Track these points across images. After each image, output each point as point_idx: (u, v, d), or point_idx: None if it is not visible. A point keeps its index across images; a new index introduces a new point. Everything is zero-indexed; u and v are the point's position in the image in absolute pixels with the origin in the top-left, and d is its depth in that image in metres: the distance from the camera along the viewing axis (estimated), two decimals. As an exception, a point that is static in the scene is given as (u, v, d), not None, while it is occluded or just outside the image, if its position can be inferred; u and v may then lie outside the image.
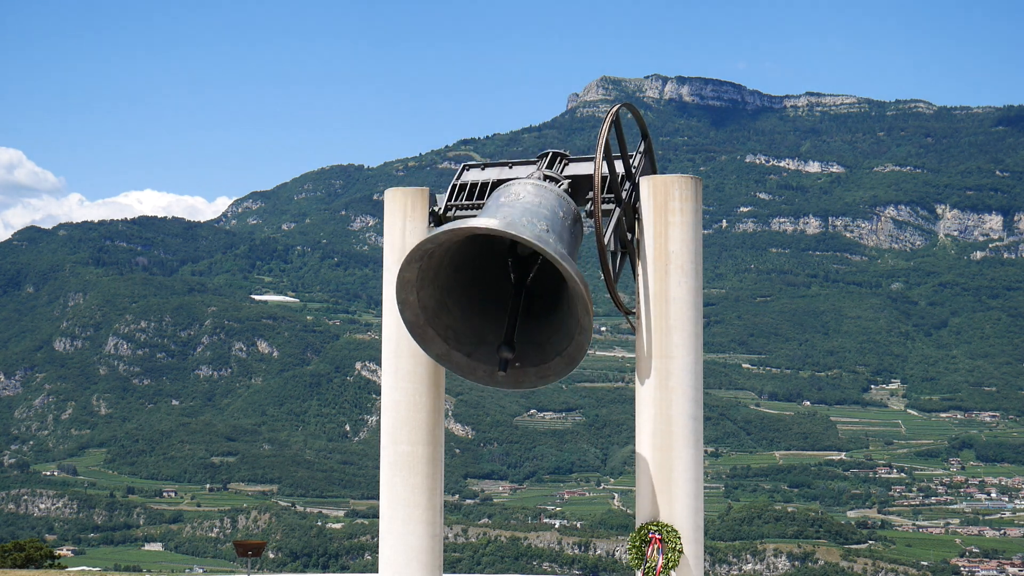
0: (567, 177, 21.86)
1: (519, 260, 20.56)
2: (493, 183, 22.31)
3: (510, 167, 22.47)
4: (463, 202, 22.51)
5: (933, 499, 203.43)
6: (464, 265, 20.84)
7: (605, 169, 21.12)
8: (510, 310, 20.19)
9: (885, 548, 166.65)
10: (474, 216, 21.67)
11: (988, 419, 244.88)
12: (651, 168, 22.77)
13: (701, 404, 21.48)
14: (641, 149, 22.52)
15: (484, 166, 22.65)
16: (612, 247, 21.33)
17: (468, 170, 22.68)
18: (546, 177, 21.57)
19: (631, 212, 21.70)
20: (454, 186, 22.72)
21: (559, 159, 22.16)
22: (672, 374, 21.15)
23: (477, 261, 21.04)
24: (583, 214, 21.96)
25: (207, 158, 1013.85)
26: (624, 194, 21.55)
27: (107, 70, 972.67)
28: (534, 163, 22.21)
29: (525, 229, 19.03)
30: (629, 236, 21.80)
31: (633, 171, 21.73)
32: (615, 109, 21.41)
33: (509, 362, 19.94)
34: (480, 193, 22.41)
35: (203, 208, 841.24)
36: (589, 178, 21.59)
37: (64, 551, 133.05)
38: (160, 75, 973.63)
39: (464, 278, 20.91)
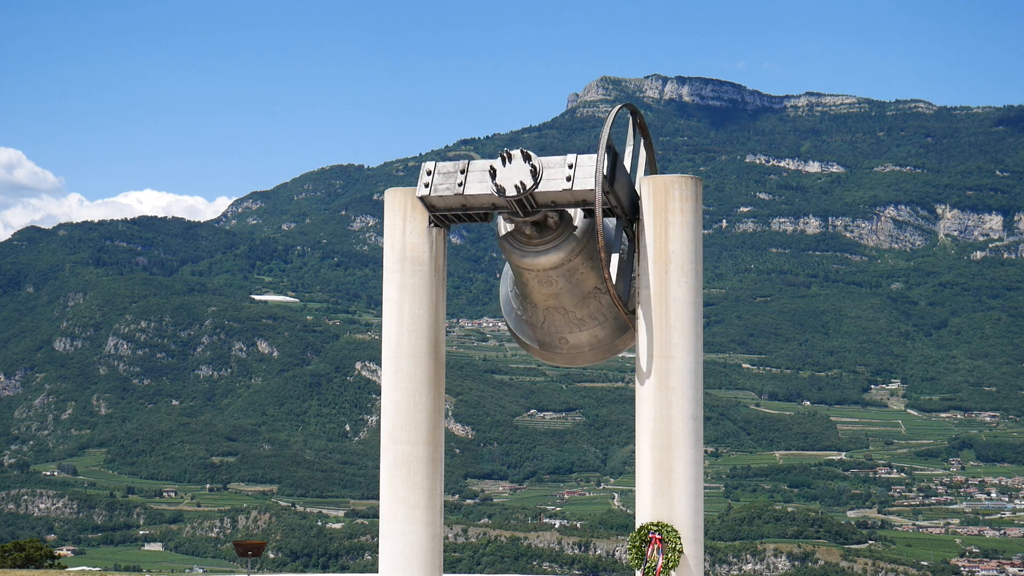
0: (548, 207, 21.38)
1: None
2: (475, 213, 22.18)
3: (465, 187, 21.60)
4: (456, 223, 22.80)
5: (933, 499, 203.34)
6: None
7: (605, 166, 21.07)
8: None
9: (885, 548, 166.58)
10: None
11: (988, 419, 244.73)
12: (651, 168, 22.80)
13: (701, 404, 21.49)
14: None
15: (432, 189, 21.75)
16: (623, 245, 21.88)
17: (427, 189, 21.94)
18: (537, 224, 21.59)
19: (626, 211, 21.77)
20: (434, 217, 22.37)
21: (527, 197, 20.98)
22: (672, 374, 21.17)
23: None
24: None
25: (207, 158, 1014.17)
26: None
27: (107, 70, 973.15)
28: (488, 173, 21.21)
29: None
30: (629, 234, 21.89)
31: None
32: (616, 110, 21.41)
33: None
34: (468, 217, 22.39)
35: (203, 208, 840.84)
36: (570, 204, 21.43)
37: (64, 551, 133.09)
38: (160, 75, 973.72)
39: None
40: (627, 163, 22.48)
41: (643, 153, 22.86)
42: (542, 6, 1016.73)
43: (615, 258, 21.45)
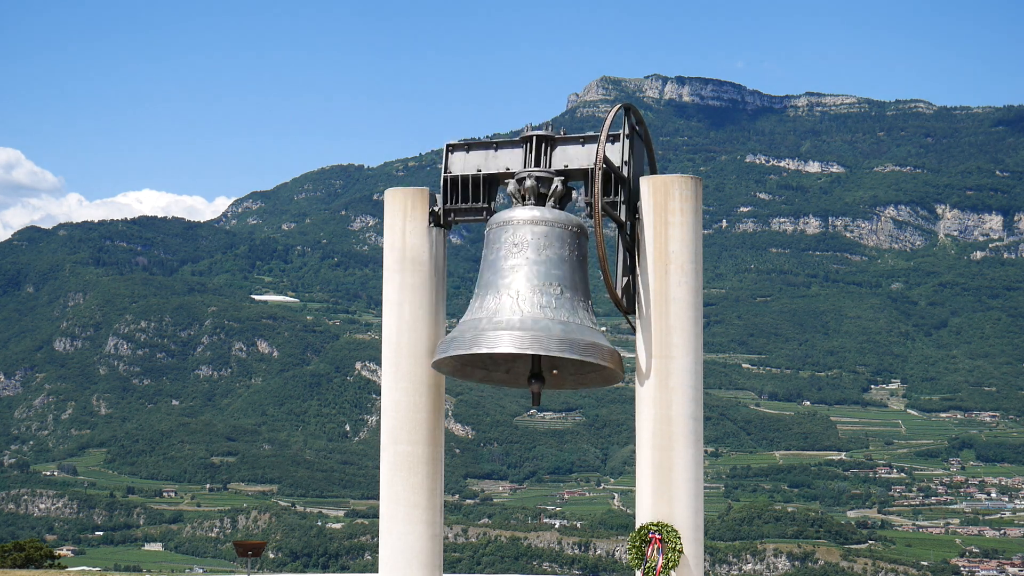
0: (559, 172, 21.75)
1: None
2: (485, 178, 22.28)
3: (495, 149, 22.32)
4: (461, 205, 22.47)
5: (933, 499, 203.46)
6: None
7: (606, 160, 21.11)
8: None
9: (885, 548, 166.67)
10: (474, 209, 22.22)
11: (988, 419, 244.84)
12: (651, 168, 22.80)
13: (701, 404, 21.47)
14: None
15: (468, 147, 22.44)
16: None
17: (452, 152, 22.52)
18: (539, 195, 21.52)
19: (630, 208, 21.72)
20: (446, 181, 22.62)
21: (546, 145, 22.09)
22: (672, 374, 21.14)
23: None
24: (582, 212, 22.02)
25: (207, 158, 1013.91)
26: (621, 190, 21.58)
27: (106, 70, 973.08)
28: (519, 145, 22.10)
29: (542, 337, 20.27)
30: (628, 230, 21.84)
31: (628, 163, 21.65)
32: (615, 110, 21.43)
33: (538, 395, 21.42)
34: (475, 193, 22.34)
35: (202, 208, 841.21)
36: (583, 170, 21.68)
37: (64, 551, 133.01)
38: (159, 74, 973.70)
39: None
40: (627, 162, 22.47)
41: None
42: (542, 6, 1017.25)
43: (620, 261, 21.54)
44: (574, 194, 22.22)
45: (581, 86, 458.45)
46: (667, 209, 21.37)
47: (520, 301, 20.81)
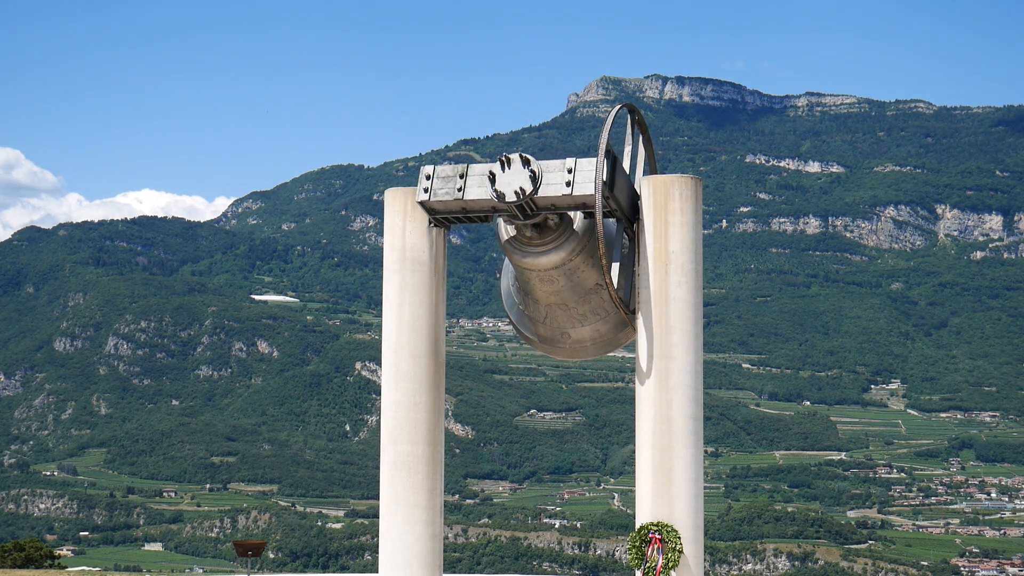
0: (548, 210, 21.37)
1: None
2: (474, 216, 22.32)
3: (470, 202, 21.60)
4: (460, 227, 22.89)
5: (933, 499, 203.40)
6: None
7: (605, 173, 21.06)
8: None
9: (885, 548, 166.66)
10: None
11: (988, 419, 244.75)
12: (651, 168, 22.82)
13: (701, 404, 21.49)
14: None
15: (441, 201, 21.73)
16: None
17: (426, 205, 21.92)
18: (539, 226, 21.62)
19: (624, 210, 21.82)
20: (435, 220, 22.38)
21: (526, 202, 20.90)
22: (672, 374, 21.17)
23: None
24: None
25: (207, 158, 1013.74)
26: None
27: (106, 69, 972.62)
28: (488, 178, 21.14)
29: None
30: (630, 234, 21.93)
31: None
32: (616, 110, 21.42)
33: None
34: (468, 219, 22.58)
35: (202, 208, 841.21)
36: (569, 206, 21.44)
37: (64, 551, 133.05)
38: (159, 74, 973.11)
39: None
40: (627, 163, 22.49)
41: (643, 153, 22.87)
42: (542, 6, 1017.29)
43: (616, 261, 21.52)
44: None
45: (581, 86, 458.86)
46: (667, 209, 21.39)
47: (572, 313, 22.62)
